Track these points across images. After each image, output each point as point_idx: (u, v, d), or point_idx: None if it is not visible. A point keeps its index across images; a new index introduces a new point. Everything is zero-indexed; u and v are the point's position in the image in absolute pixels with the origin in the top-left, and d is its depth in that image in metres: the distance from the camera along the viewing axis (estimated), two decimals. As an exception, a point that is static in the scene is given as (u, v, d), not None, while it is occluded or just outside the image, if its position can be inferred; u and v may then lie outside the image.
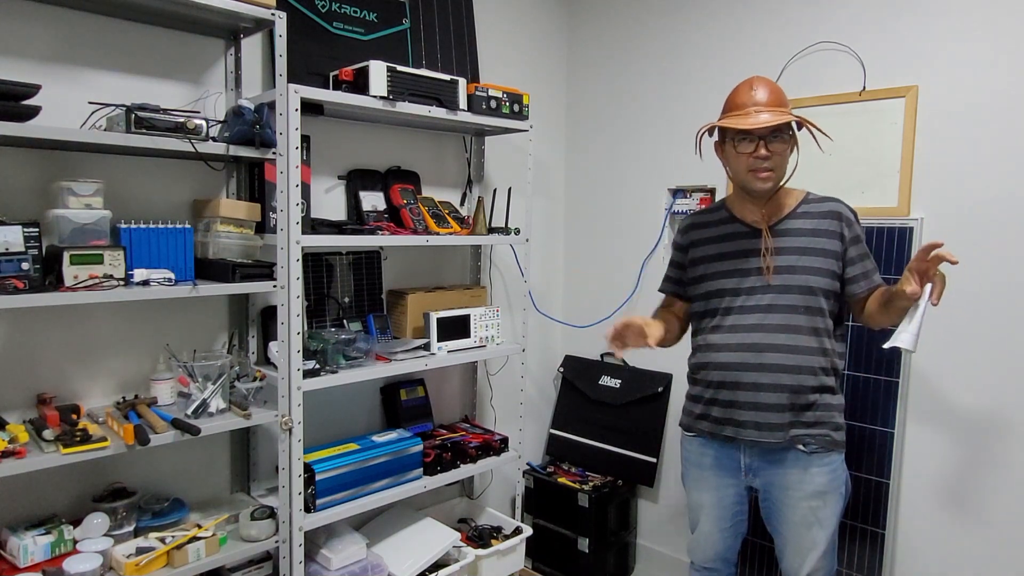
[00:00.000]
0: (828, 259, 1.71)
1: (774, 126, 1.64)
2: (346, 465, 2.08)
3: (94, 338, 1.87)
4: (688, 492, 1.94)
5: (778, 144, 1.67)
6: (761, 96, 1.67)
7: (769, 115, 1.64)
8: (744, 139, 1.69)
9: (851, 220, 1.74)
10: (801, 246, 1.73)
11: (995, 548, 2.06)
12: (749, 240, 1.78)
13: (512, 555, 2.49)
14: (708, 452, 1.85)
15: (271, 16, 1.79)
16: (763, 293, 1.73)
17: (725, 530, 1.87)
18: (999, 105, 2.00)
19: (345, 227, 2.15)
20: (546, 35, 3.04)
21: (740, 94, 1.71)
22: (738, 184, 1.79)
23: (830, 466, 1.73)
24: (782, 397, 1.70)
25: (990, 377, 2.05)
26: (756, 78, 1.72)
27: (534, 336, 3.11)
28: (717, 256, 1.82)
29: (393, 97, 2.07)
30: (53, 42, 1.76)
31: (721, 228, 1.84)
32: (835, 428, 1.74)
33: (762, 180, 1.69)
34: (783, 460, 1.75)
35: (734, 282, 1.77)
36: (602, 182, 3.04)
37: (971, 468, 2.09)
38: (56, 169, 1.76)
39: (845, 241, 1.72)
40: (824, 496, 1.73)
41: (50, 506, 1.81)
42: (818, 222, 1.74)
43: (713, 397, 1.80)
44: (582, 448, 2.95)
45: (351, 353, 2.13)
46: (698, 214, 1.93)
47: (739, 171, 1.73)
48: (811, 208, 1.76)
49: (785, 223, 1.76)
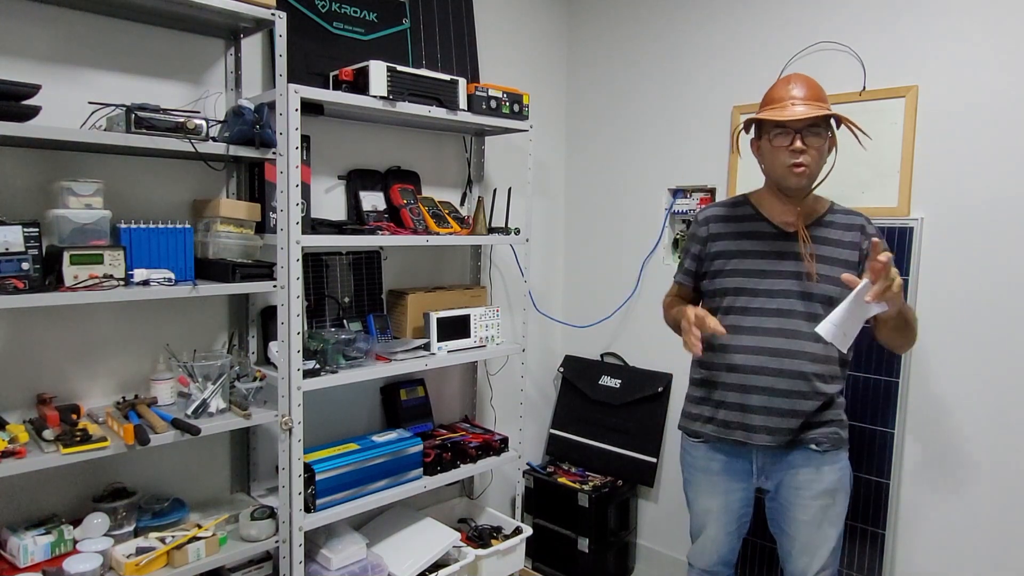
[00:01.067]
0: (848, 271, 1.68)
1: (811, 119, 1.63)
2: (346, 465, 2.08)
3: (94, 338, 1.87)
4: (694, 499, 1.90)
5: (814, 139, 1.66)
6: (798, 91, 1.67)
7: (805, 108, 1.63)
8: (780, 132, 1.67)
9: (871, 234, 1.73)
10: (826, 255, 1.72)
11: (995, 548, 2.06)
12: (778, 241, 1.75)
13: (512, 555, 2.49)
14: (717, 457, 1.83)
15: (271, 16, 1.79)
16: (785, 297, 1.71)
17: (731, 534, 1.86)
18: (999, 105, 2.00)
19: (345, 227, 2.15)
20: (546, 35, 3.04)
21: (778, 89, 1.71)
22: (773, 180, 1.75)
23: (839, 463, 1.74)
24: (797, 403, 1.69)
25: (990, 377, 2.05)
26: (795, 74, 1.71)
27: (534, 336, 3.11)
28: (736, 253, 1.79)
29: (393, 97, 2.07)
30: (53, 42, 1.76)
31: (745, 225, 1.81)
32: (842, 426, 1.75)
33: (798, 176, 1.67)
34: (795, 460, 1.74)
35: (756, 282, 1.74)
36: (602, 182, 3.04)
37: (971, 468, 2.09)
38: (56, 169, 1.76)
39: (861, 253, 1.72)
40: (835, 494, 1.73)
41: (50, 506, 1.81)
42: (843, 233, 1.73)
43: (721, 399, 1.78)
44: (582, 448, 2.95)
45: (351, 353, 2.13)
46: (718, 206, 1.89)
47: (775, 166, 1.71)
48: (837, 218, 1.75)
49: (814, 228, 1.74)
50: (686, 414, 1.90)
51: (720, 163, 2.62)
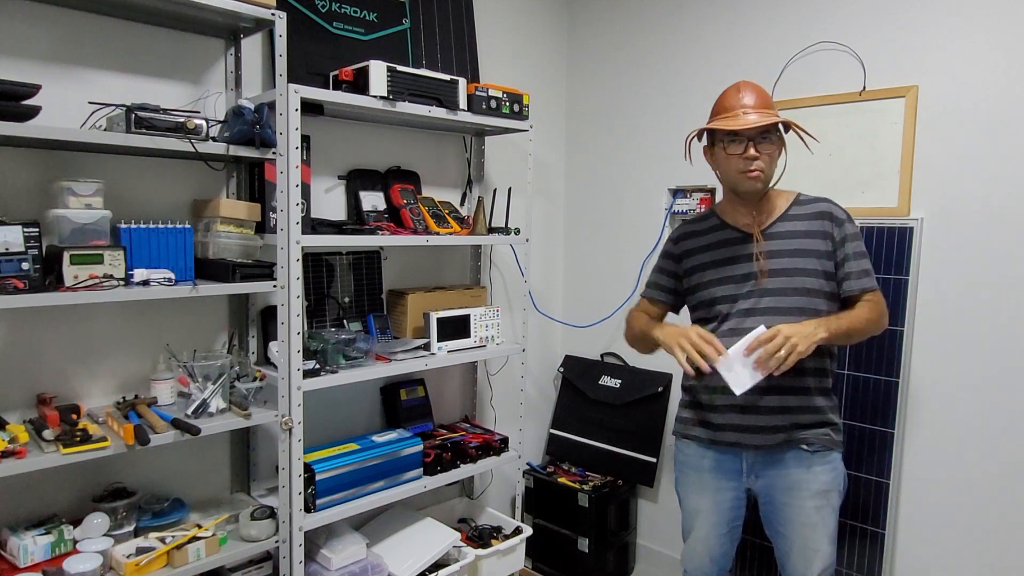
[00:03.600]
0: (821, 259, 1.72)
1: (763, 127, 1.67)
2: (346, 465, 2.08)
3: (94, 338, 1.87)
4: (684, 497, 1.91)
5: (766, 145, 1.70)
6: (748, 99, 1.70)
7: (757, 116, 1.67)
8: (733, 141, 1.71)
9: (842, 220, 1.74)
10: (794, 248, 1.73)
11: (995, 548, 2.06)
12: (741, 245, 1.78)
13: (512, 555, 2.49)
14: (708, 455, 1.84)
15: (271, 16, 1.79)
16: (759, 297, 1.73)
17: (722, 536, 1.85)
18: (999, 105, 2.00)
19: (345, 227, 2.15)
20: (546, 35, 3.04)
21: (728, 98, 1.74)
22: (728, 187, 1.80)
23: (831, 463, 1.74)
24: (784, 400, 1.70)
25: (990, 377, 2.05)
26: (743, 82, 1.74)
27: (534, 336, 3.11)
28: (710, 264, 1.82)
29: (393, 97, 2.07)
30: (53, 42, 1.76)
31: (712, 235, 1.85)
32: (833, 427, 1.76)
33: (752, 180, 1.71)
34: (785, 460, 1.74)
35: (729, 288, 1.77)
36: (602, 182, 3.04)
37: (971, 468, 2.09)
38: (56, 169, 1.76)
39: (835, 241, 1.73)
40: (827, 495, 1.73)
41: (50, 506, 1.81)
42: (809, 223, 1.75)
43: (710, 403, 1.79)
44: (582, 448, 2.95)
45: (351, 353, 2.13)
46: (689, 223, 1.93)
47: (729, 173, 1.74)
48: (802, 210, 1.77)
49: (776, 226, 1.77)
50: (678, 418, 1.92)
51: (720, 163, 2.62)
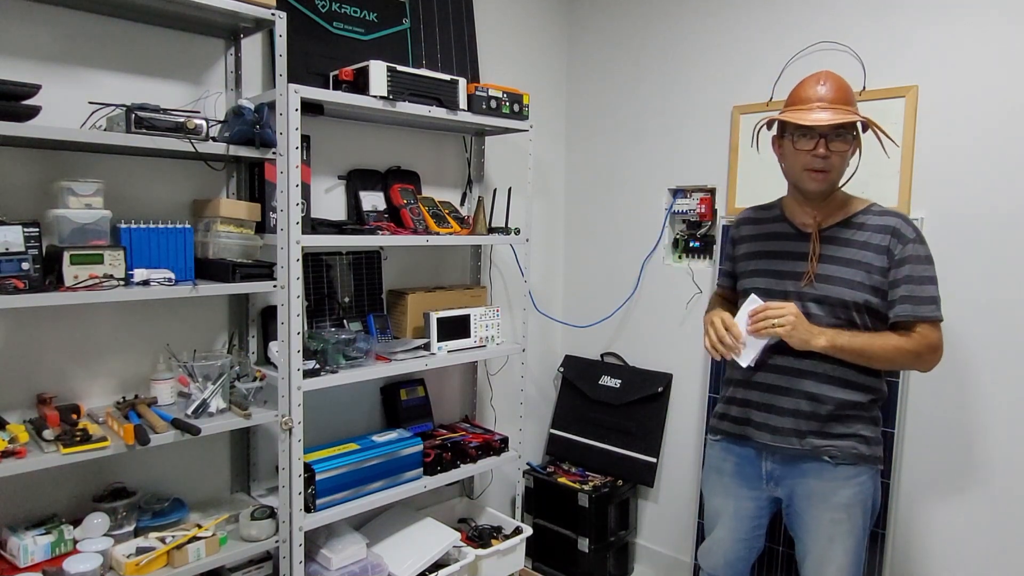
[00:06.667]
0: (871, 274, 1.62)
1: (837, 124, 1.57)
2: (346, 465, 2.08)
3: (94, 338, 1.87)
4: (707, 498, 1.91)
5: (839, 143, 1.60)
6: (826, 92, 1.60)
7: (831, 113, 1.56)
8: (804, 135, 1.61)
9: (908, 239, 1.61)
10: (846, 257, 1.64)
11: (995, 548, 2.06)
12: (794, 242, 1.72)
13: (512, 555, 2.49)
14: (729, 458, 1.82)
15: (271, 16, 1.79)
16: (797, 299, 1.67)
17: (740, 541, 1.84)
18: (999, 105, 2.00)
19: (345, 227, 2.15)
20: (546, 35, 3.04)
21: (805, 88, 1.63)
22: (791, 182, 1.72)
23: (856, 479, 1.66)
24: (799, 403, 1.67)
25: (990, 377, 2.05)
26: (825, 72, 1.64)
27: (534, 336, 3.11)
28: (758, 254, 1.78)
29: (393, 97, 2.07)
30: (53, 42, 1.76)
31: (769, 226, 1.80)
32: (864, 441, 1.66)
33: (816, 180, 1.62)
34: (807, 470, 1.69)
35: (768, 282, 1.73)
36: (602, 182, 3.04)
37: (971, 468, 2.09)
38: (56, 169, 1.76)
39: (893, 259, 1.61)
40: (849, 509, 1.66)
41: (50, 506, 1.81)
42: (871, 235, 1.64)
43: (732, 395, 1.81)
44: (582, 448, 2.95)
45: (351, 353, 2.13)
46: (752, 209, 1.88)
47: (794, 168, 1.66)
48: (868, 219, 1.66)
49: (835, 230, 1.68)
50: (713, 412, 1.90)
51: (720, 163, 2.62)
